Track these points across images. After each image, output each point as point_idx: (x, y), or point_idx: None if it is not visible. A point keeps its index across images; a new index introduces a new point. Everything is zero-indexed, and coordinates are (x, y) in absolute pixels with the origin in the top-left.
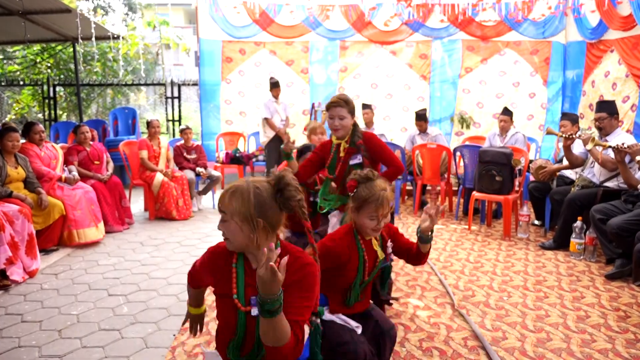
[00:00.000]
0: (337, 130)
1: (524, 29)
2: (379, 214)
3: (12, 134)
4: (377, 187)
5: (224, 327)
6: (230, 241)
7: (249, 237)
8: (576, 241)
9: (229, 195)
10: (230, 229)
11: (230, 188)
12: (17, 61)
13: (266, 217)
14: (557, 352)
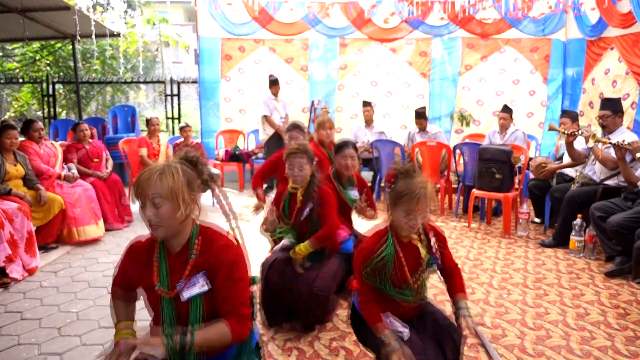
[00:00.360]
0: (296, 179)
1: (524, 27)
2: (414, 209)
3: (10, 131)
4: (416, 182)
5: (156, 321)
6: (162, 228)
7: (184, 214)
8: (576, 239)
9: (157, 177)
10: (164, 213)
11: (155, 171)
12: (16, 59)
13: (195, 191)
14: (557, 349)
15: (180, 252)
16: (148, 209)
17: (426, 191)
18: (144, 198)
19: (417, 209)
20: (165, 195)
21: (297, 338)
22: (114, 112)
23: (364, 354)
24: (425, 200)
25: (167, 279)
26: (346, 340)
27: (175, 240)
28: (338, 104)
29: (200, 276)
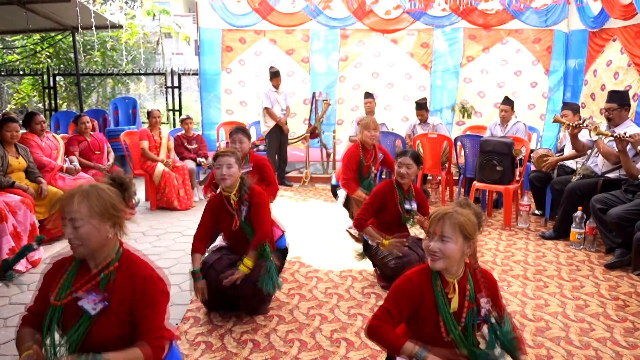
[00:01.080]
0: (224, 179)
1: (526, 17)
2: (432, 229)
3: (11, 124)
4: (452, 208)
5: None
6: (83, 246)
7: (105, 236)
8: (576, 231)
9: (78, 199)
10: (84, 233)
11: (75, 192)
12: (16, 51)
13: (120, 214)
14: (556, 340)
15: (97, 272)
16: (68, 228)
17: (452, 215)
18: (64, 217)
19: (434, 230)
20: (85, 217)
21: (298, 329)
22: (114, 104)
23: (365, 345)
24: (447, 225)
25: (66, 291)
26: (347, 331)
27: (94, 261)
28: (339, 96)
29: (97, 298)
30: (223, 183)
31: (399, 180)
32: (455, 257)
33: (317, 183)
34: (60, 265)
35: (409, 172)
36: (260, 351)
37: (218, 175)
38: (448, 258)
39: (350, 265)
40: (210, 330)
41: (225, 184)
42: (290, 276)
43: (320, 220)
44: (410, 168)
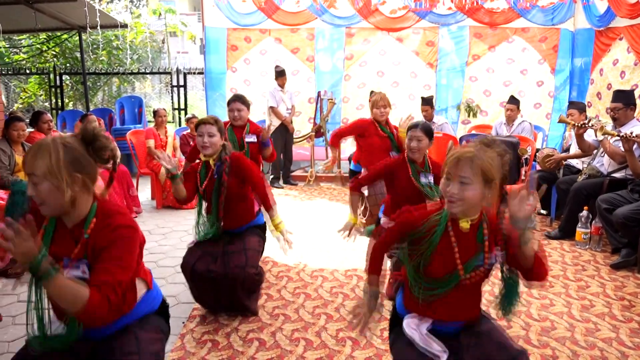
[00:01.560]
0: (205, 147)
1: (532, 16)
2: (452, 174)
3: (18, 123)
4: (473, 148)
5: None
6: (45, 205)
7: (65, 196)
8: (582, 230)
9: (32, 154)
10: (43, 192)
11: (34, 147)
12: (23, 50)
13: (84, 171)
14: (561, 340)
15: (72, 228)
16: (29, 185)
17: (472, 157)
18: (28, 174)
19: (452, 174)
20: (41, 174)
21: (304, 328)
22: (120, 103)
23: (370, 344)
24: (467, 167)
25: (49, 249)
26: (353, 330)
27: (68, 216)
28: (344, 95)
29: (83, 263)
30: (204, 151)
31: (410, 156)
32: (474, 201)
33: (322, 182)
34: (38, 217)
35: (419, 146)
36: (266, 350)
37: (199, 143)
38: (466, 202)
39: (356, 265)
40: (217, 329)
41: (206, 152)
42: (295, 275)
43: (325, 219)
44: (421, 141)
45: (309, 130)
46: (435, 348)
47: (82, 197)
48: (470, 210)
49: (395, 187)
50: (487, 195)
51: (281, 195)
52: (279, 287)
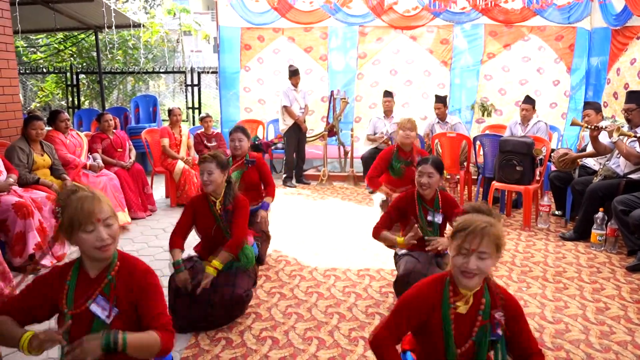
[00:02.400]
0: (207, 185)
1: (549, 14)
2: (469, 247)
3: (36, 122)
4: (480, 217)
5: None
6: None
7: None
8: (597, 232)
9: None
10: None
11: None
12: (40, 49)
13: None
14: (576, 343)
15: (98, 276)
16: (103, 230)
17: (488, 229)
18: (96, 222)
19: (471, 247)
20: (113, 215)
21: (317, 327)
22: (136, 102)
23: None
24: (485, 241)
25: (72, 301)
26: (365, 330)
27: (95, 266)
28: (357, 93)
29: (103, 302)
30: (205, 189)
31: (420, 191)
32: (488, 272)
33: (334, 181)
34: (58, 274)
35: (430, 182)
36: (279, 348)
37: (201, 180)
38: (484, 274)
39: (368, 264)
40: (230, 327)
41: (208, 190)
42: (308, 274)
43: (337, 218)
44: (431, 177)
45: (322, 129)
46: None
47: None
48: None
49: (406, 223)
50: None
51: (294, 194)
52: (291, 285)
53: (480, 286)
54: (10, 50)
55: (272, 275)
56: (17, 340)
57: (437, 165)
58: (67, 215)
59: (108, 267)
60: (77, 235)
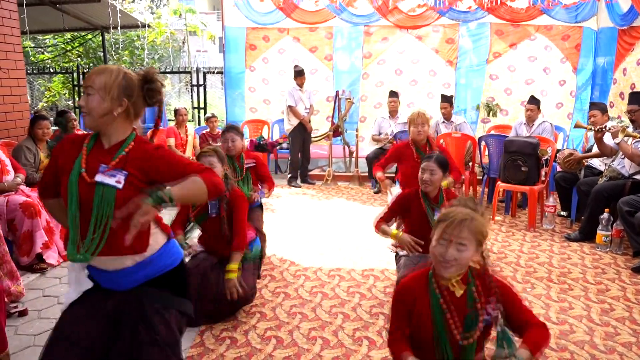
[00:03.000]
0: (230, 150)
1: (556, 13)
2: (447, 235)
3: (42, 121)
4: (462, 210)
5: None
6: (90, 115)
7: (110, 113)
8: (602, 233)
9: (97, 72)
10: (92, 102)
11: (100, 67)
12: (47, 50)
13: (131, 100)
14: (580, 344)
15: (110, 148)
16: (82, 97)
17: (469, 221)
18: (85, 87)
19: (450, 237)
20: (97, 88)
21: (321, 327)
22: None
23: (387, 344)
24: (464, 232)
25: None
26: (369, 330)
27: (107, 137)
28: (362, 93)
29: (120, 173)
30: (229, 153)
31: (423, 189)
32: (467, 263)
33: (339, 181)
34: (76, 140)
35: (432, 179)
36: (284, 348)
37: (224, 147)
38: (461, 265)
39: (373, 265)
40: (235, 326)
41: (232, 153)
42: (312, 274)
43: (342, 218)
44: (434, 174)
45: (327, 129)
46: None
47: (121, 122)
48: (460, 272)
49: (410, 219)
50: (475, 259)
51: (298, 194)
52: (296, 285)
53: (462, 275)
54: (18, 51)
55: (276, 275)
56: None
57: (440, 163)
58: None
59: (121, 144)
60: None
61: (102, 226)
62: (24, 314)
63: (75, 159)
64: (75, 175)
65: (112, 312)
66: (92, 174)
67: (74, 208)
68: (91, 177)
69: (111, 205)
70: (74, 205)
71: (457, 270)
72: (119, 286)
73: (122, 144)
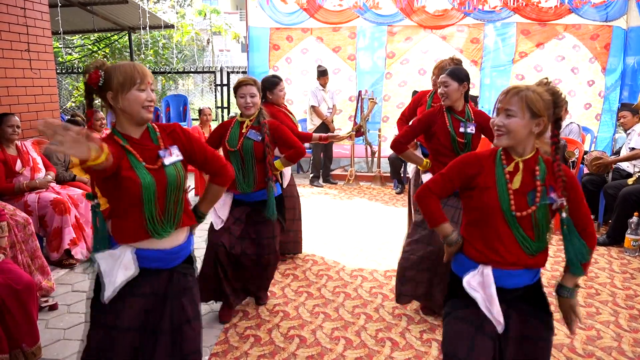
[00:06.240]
0: (249, 108)
1: (584, 12)
2: (499, 104)
3: (75, 127)
4: (526, 85)
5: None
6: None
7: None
8: (631, 237)
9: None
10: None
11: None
12: (75, 50)
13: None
14: (608, 350)
15: (142, 138)
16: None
17: (523, 92)
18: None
19: (500, 104)
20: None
21: (344, 327)
22: (166, 101)
23: (410, 345)
24: (514, 99)
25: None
26: (392, 331)
27: (133, 128)
28: (385, 93)
29: (174, 148)
30: (247, 111)
31: (443, 103)
32: (520, 134)
33: (361, 181)
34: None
35: (447, 91)
36: (307, 347)
37: (242, 104)
38: (513, 134)
39: (395, 266)
40: (259, 325)
41: (249, 112)
42: (335, 274)
43: (364, 219)
44: (447, 86)
45: (350, 129)
46: (495, 312)
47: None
48: (519, 145)
49: (434, 139)
50: (534, 132)
51: (320, 194)
52: (319, 285)
53: (532, 155)
54: (49, 51)
55: (299, 274)
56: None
57: (453, 74)
58: (120, 74)
59: (148, 131)
60: (128, 94)
61: (177, 201)
62: (54, 308)
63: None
64: (141, 170)
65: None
66: (152, 161)
67: (152, 193)
68: (154, 163)
69: (182, 176)
70: (152, 191)
71: (509, 141)
72: (166, 264)
73: (148, 130)
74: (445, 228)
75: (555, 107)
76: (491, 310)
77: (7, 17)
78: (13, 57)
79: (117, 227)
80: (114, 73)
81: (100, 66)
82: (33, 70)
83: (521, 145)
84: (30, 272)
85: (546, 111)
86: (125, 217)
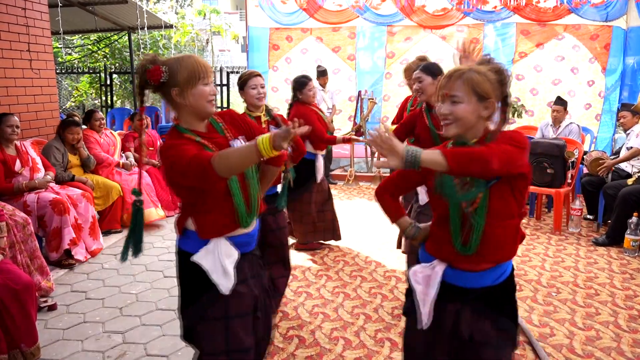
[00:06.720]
0: (261, 99)
1: (584, 12)
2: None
3: (74, 128)
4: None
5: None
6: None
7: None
8: (631, 237)
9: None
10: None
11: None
12: (75, 50)
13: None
14: (607, 351)
15: (209, 131)
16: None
17: (467, 74)
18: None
19: (445, 92)
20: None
21: (343, 327)
22: None
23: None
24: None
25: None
26: (391, 331)
27: (197, 122)
28: (385, 93)
29: (241, 139)
30: (259, 102)
31: (419, 99)
32: (469, 120)
33: (361, 181)
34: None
35: (421, 86)
36: (306, 347)
37: (254, 95)
38: (461, 121)
39: (395, 266)
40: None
41: (261, 103)
42: (334, 274)
43: (363, 219)
44: (422, 81)
45: (349, 129)
46: (425, 312)
47: None
48: (469, 132)
49: (420, 140)
50: (483, 115)
51: None
52: (318, 285)
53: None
54: (49, 51)
55: (298, 274)
56: (255, 149)
57: (426, 68)
58: (184, 69)
59: (211, 123)
60: (194, 89)
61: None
62: (53, 308)
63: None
64: None
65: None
66: None
67: (236, 184)
68: None
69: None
70: (235, 181)
71: (458, 129)
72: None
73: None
74: (402, 223)
75: (501, 86)
76: (422, 308)
77: (7, 17)
78: (13, 57)
79: (207, 222)
80: (178, 68)
81: (157, 61)
82: (33, 70)
83: (471, 131)
84: (29, 272)
85: (493, 92)
86: (215, 212)
